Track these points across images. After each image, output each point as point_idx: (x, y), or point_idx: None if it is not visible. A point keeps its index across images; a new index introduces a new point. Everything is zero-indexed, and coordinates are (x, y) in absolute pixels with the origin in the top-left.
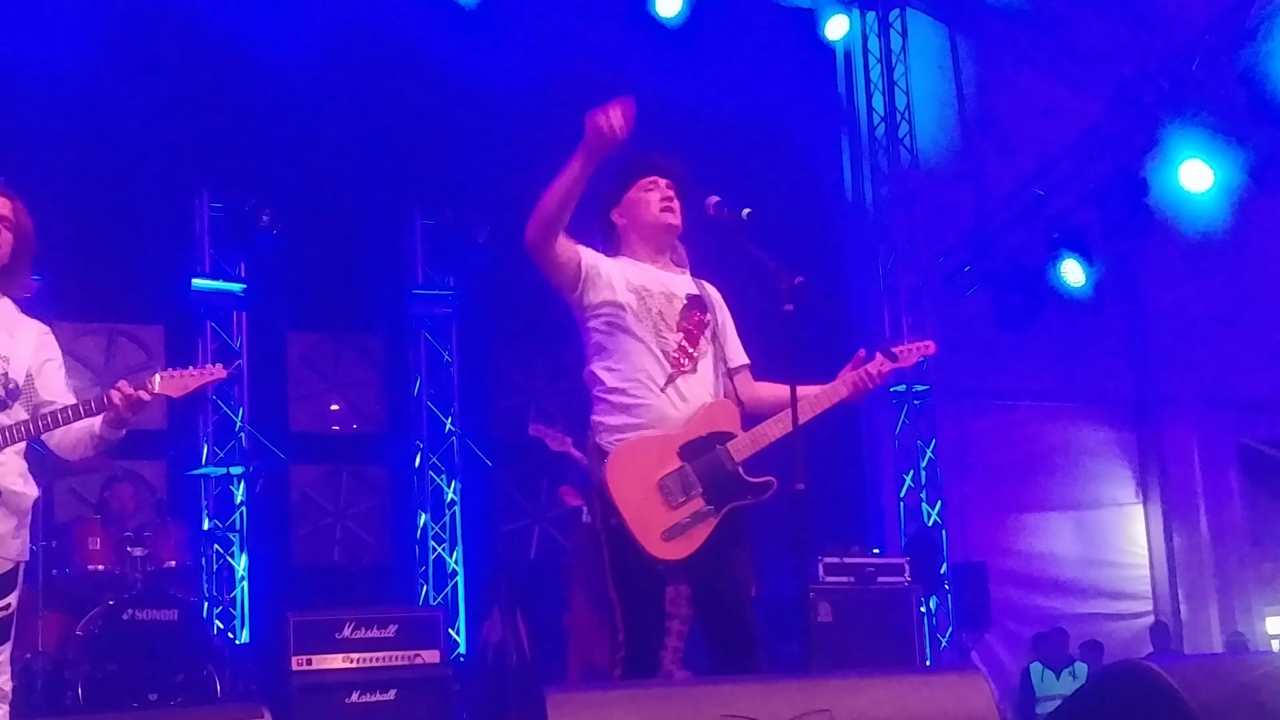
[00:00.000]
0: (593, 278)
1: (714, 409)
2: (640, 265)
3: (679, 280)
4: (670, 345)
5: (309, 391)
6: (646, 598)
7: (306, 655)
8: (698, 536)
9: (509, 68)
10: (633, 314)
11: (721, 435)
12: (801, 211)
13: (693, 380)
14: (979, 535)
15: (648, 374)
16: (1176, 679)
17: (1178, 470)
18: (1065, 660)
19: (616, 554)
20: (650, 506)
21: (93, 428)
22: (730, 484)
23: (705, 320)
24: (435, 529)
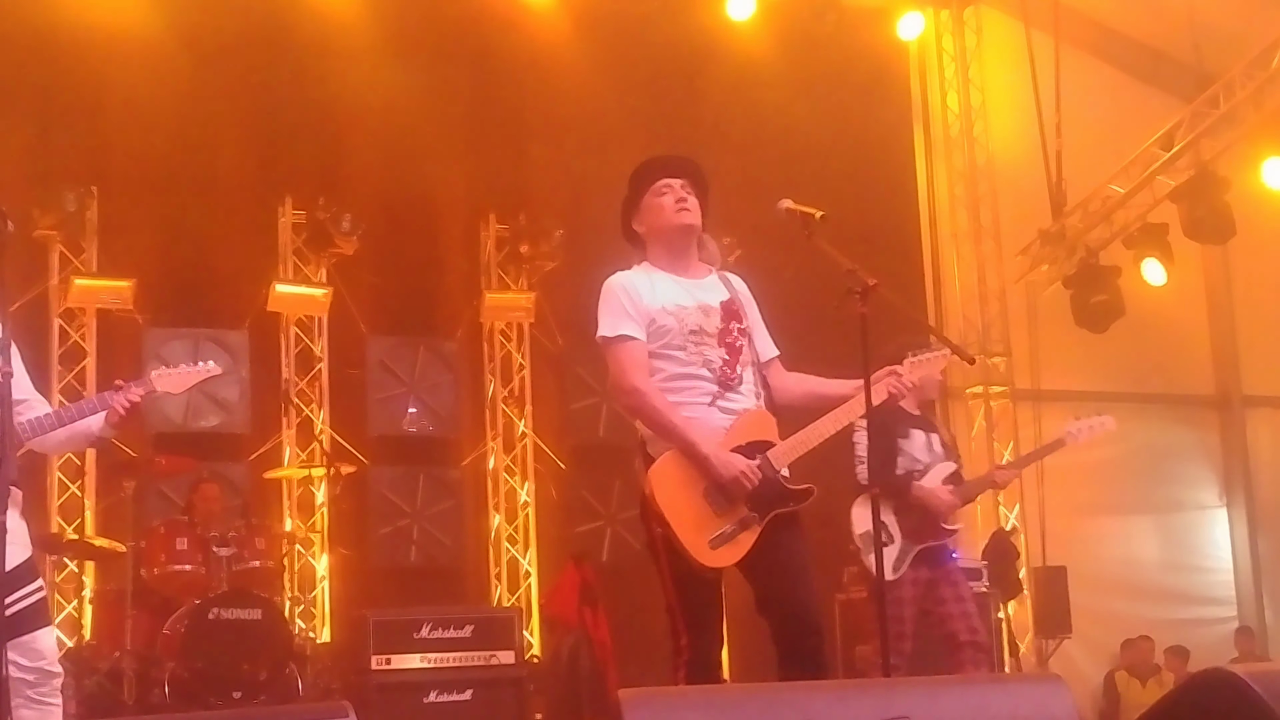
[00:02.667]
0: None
1: (753, 418)
2: (670, 278)
3: (709, 286)
4: (714, 361)
5: (387, 394)
6: (705, 603)
7: (385, 655)
8: (744, 544)
9: (581, 68)
10: (673, 333)
11: (761, 444)
12: (877, 211)
13: (738, 393)
14: (1058, 539)
15: (694, 390)
16: (1263, 687)
17: (1262, 472)
18: (1152, 669)
19: (670, 564)
20: (696, 514)
21: (90, 428)
22: (772, 491)
23: (743, 330)
24: (509, 530)
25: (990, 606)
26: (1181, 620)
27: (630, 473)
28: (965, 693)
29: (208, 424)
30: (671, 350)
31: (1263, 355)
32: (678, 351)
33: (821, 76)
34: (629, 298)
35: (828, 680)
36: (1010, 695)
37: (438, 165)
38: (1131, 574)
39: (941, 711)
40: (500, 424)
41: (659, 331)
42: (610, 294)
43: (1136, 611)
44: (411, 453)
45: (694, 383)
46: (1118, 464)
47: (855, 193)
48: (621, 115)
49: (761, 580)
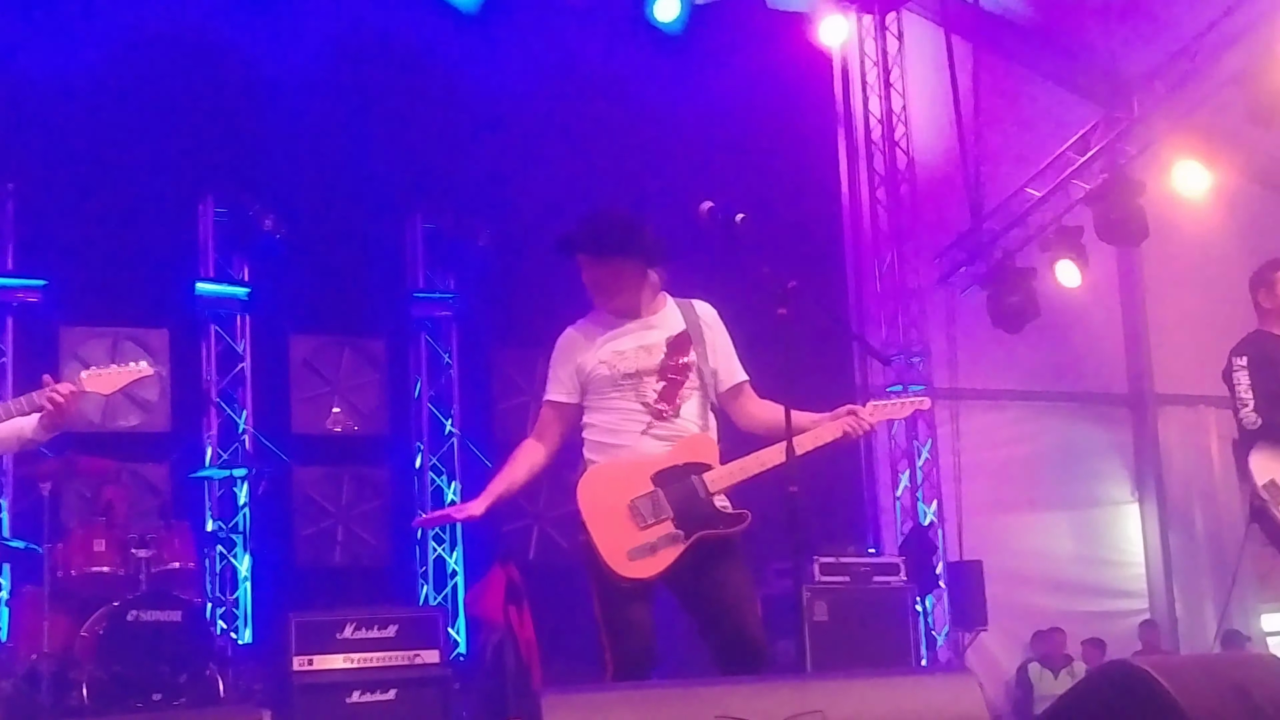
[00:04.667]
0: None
1: (691, 442)
2: (615, 321)
3: (657, 324)
4: (649, 395)
5: (311, 394)
6: (629, 619)
7: (308, 655)
8: (664, 559)
9: (509, 72)
10: (606, 380)
11: (697, 466)
12: (798, 214)
13: (674, 423)
14: (975, 534)
15: (627, 422)
16: (1170, 680)
17: (1172, 468)
18: (1064, 659)
19: (593, 572)
20: (619, 525)
21: (23, 430)
22: (701, 513)
23: (689, 362)
24: (436, 529)
25: (908, 601)
26: (1095, 613)
27: (559, 472)
28: (878, 688)
29: (127, 424)
30: (607, 395)
31: (1174, 355)
32: (613, 395)
33: (745, 80)
34: (565, 357)
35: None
36: (922, 690)
37: (364, 164)
38: (1046, 568)
39: (856, 707)
40: (427, 423)
41: (592, 381)
42: (554, 355)
43: (1051, 604)
44: (336, 452)
45: (629, 417)
46: (1033, 461)
47: (778, 195)
48: (549, 117)
49: (699, 609)
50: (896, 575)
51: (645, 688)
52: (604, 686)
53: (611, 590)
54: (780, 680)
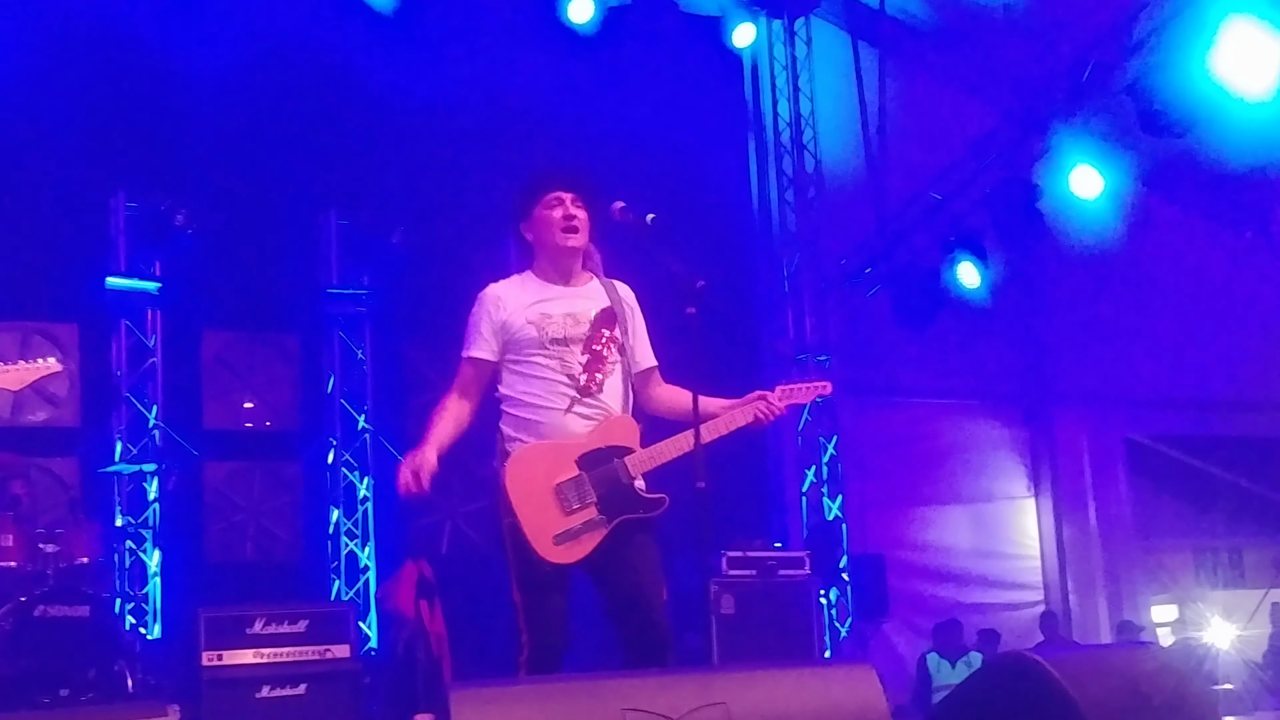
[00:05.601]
0: (500, 336)
1: (615, 423)
2: (545, 286)
3: (586, 295)
4: (575, 368)
5: (223, 389)
6: (548, 601)
7: (217, 651)
8: (587, 544)
9: (424, 71)
10: (533, 342)
11: (620, 450)
12: (708, 215)
13: (598, 400)
14: (878, 528)
15: (552, 397)
16: (1061, 672)
17: (1068, 465)
18: (960, 650)
19: (515, 555)
20: (545, 510)
21: None
22: (623, 497)
23: (613, 337)
24: (348, 525)
25: (812, 593)
26: (992, 604)
27: (472, 467)
28: (780, 680)
29: (36, 419)
30: (531, 360)
31: (1069, 354)
32: (538, 357)
33: (658, 82)
34: (488, 314)
35: (650, 669)
36: (822, 681)
37: (278, 160)
38: (946, 560)
39: (758, 699)
40: (340, 419)
41: (517, 340)
42: (474, 311)
43: (951, 596)
44: (248, 448)
45: (553, 389)
46: (934, 457)
47: (689, 197)
48: (462, 116)
49: (610, 589)
50: (801, 569)
51: (552, 681)
52: (512, 681)
53: (532, 574)
54: (685, 673)
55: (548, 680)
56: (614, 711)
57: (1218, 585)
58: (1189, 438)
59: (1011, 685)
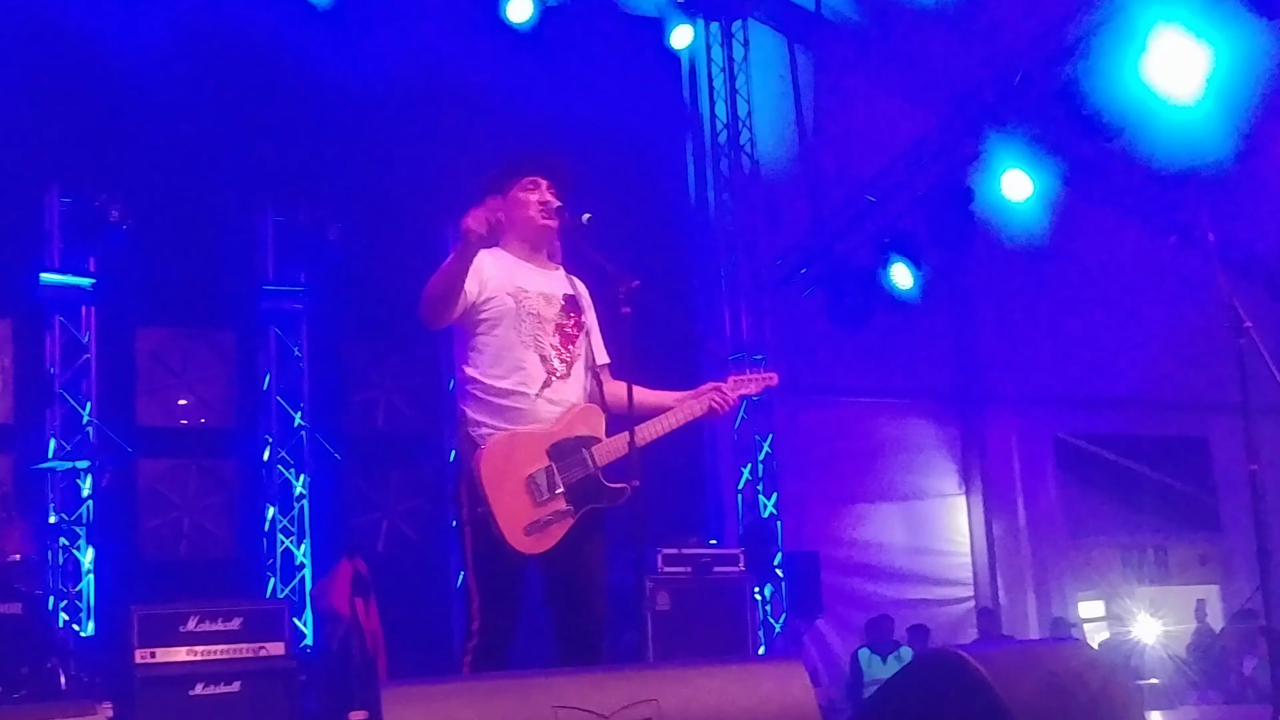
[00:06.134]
0: (478, 287)
1: (583, 412)
2: (518, 262)
3: (554, 279)
4: (546, 349)
5: (158, 386)
6: (505, 590)
7: (150, 648)
8: (555, 534)
9: (362, 66)
10: (511, 315)
11: (587, 439)
12: (647, 215)
13: (566, 384)
14: (812, 525)
15: (523, 378)
16: (987, 667)
17: (998, 463)
18: (891, 645)
19: (479, 544)
20: (517, 500)
21: None
22: (590, 487)
23: (581, 322)
24: (284, 522)
25: (747, 590)
26: (924, 600)
27: (409, 464)
28: (711, 677)
29: None
30: (504, 334)
31: (1001, 355)
32: (511, 333)
33: (597, 81)
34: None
35: (581, 667)
36: (753, 678)
37: (214, 156)
38: (879, 557)
39: (689, 695)
40: (276, 416)
41: (494, 309)
42: None
43: (883, 592)
44: (183, 445)
45: (525, 368)
46: (868, 455)
47: (626, 196)
48: (401, 112)
49: (559, 573)
50: (736, 566)
51: (484, 679)
52: (444, 678)
53: (494, 565)
54: (616, 671)
55: (480, 678)
56: (546, 709)
57: (1144, 581)
58: (1117, 437)
59: (938, 681)
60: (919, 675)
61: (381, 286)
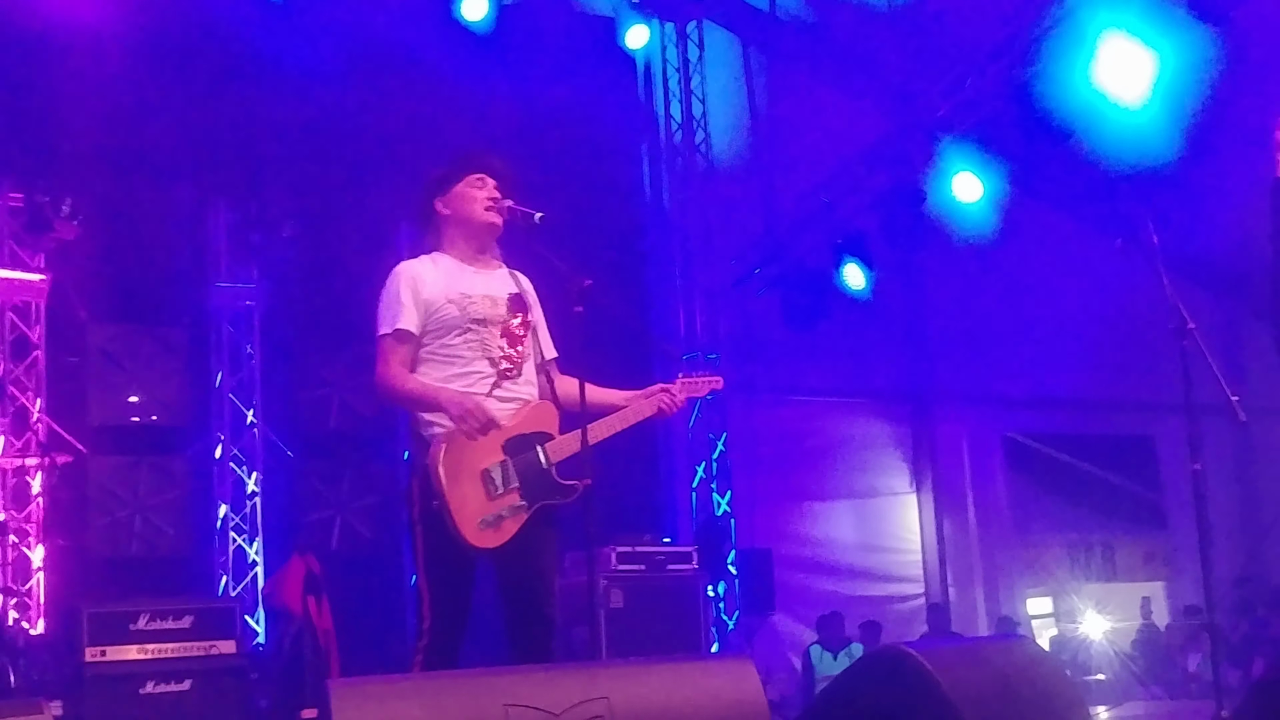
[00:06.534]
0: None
1: (537, 409)
2: (460, 266)
3: (498, 279)
4: (494, 350)
5: (109, 383)
6: (456, 587)
7: (101, 646)
8: (508, 529)
9: (316, 63)
10: (456, 323)
11: (542, 436)
12: (601, 214)
13: (517, 383)
14: (766, 523)
15: (473, 381)
16: (934, 664)
17: (948, 462)
18: (842, 642)
19: (431, 542)
20: (472, 494)
21: None
22: (544, 483)
23: (527, 321)
24: (236, 520)
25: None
26: (875, 597)
27: (363, 462)
28: (662, 674)
29: None
30: (452, 339)
31: (951, 355)
32: (458, 339)
33: (552, 80)
34: (409, 288)
35: (531, 665)
36: (703, 675)
37: (167, 152)
38: (832, 555)
39: (639, 693)
40: (228, 414)
41: (439, 320)
42: (391, 286)
43: (836, 589)
44: (134, 442)
45: (474, 370)
46: (821, 454)
47: (582, 195)
48: (355, 110)
49: (511, 569)
50: (689, 563)
51: (433, 678)
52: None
53: (446, 560)
54: (567, 668)
55: (430, 676)
56: (496, 707)
57: (1091, 579)
58: (1065, 436)
59: (886, 677)
60: (868, 672)
61: (335, 284)
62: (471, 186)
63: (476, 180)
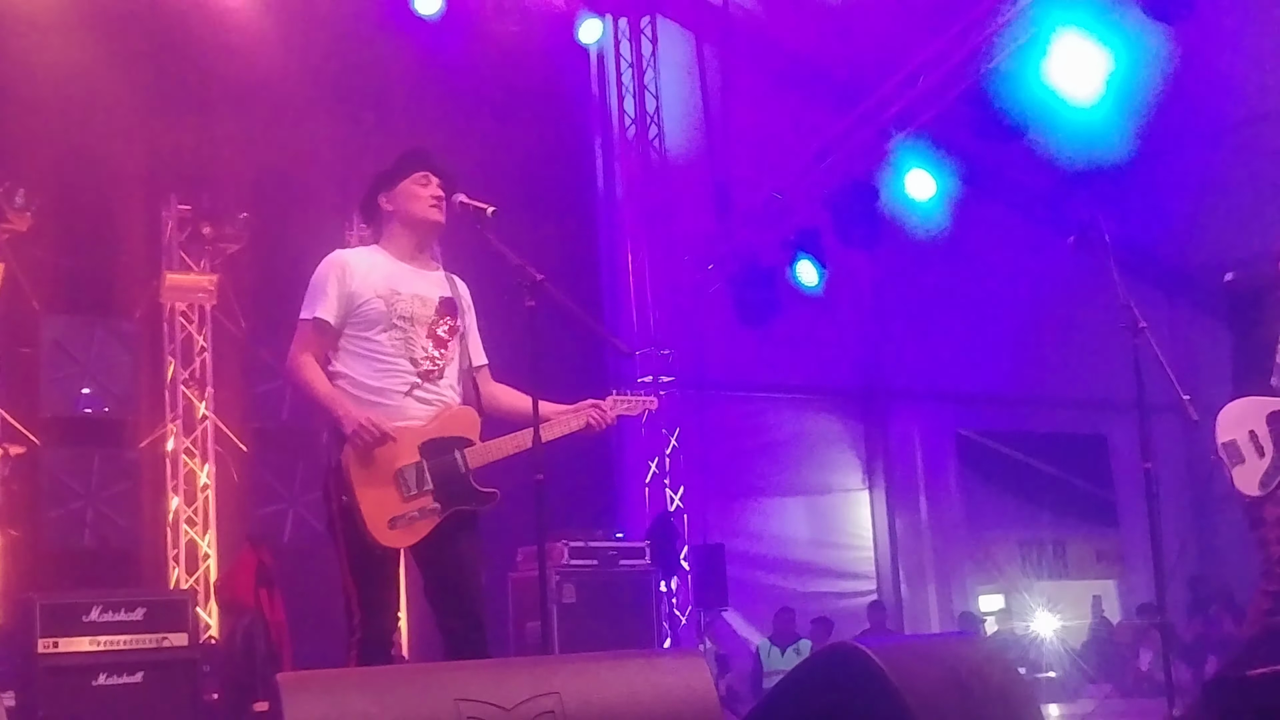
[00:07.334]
0: (345, 304)
1: (458, 414)
2: (395, 263)
3: (432, 280)
4: (418, 351)
5: (61, 374)
6: (381, 582)
7: (53, 638)
8: (420, 530)
9: (269, 53)
10: (382, 319)
11: (461, 440)
12: (553, 208)
13: (437, 386)
14: (718, 519)
15: (392, 378)
16: (886, 661)
17: (901, 459)
18: (791, 637)
19: (351, 536)
20: (384, 492)
21: None
22: (459, 488)
23: (455, 325)
24: (188, 513)
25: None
26: (827, 593)
27: (315, 455)
28: (613, 669)
29: None
30: (377, 334)
31: (903, 352)
32: (382, 335)
33: (505, 74)
34: (336, 278)
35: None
36: (654, 671)
37: (118, 142)
38: (784, 550)
39: (591, 687)
40: (181, 406)
41: (364, 314)
42: (320, 272)
43: (788, 585)
44: (86, 434)
45: (395, 369)
46: (773, 450)
47: (534, 189)
48: (307, 103)
49: (433, 571)
50: (642, 559)
51: (385, 671)
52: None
53: (365, 555)
54: (518, 663)
55: (382, 669)
56: (447, 701)
57: (1043, 576)
58: (1017, 434)
59: (837, 674)
60: (819, 668)
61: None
62: (416, 184)
63: (421, 178)
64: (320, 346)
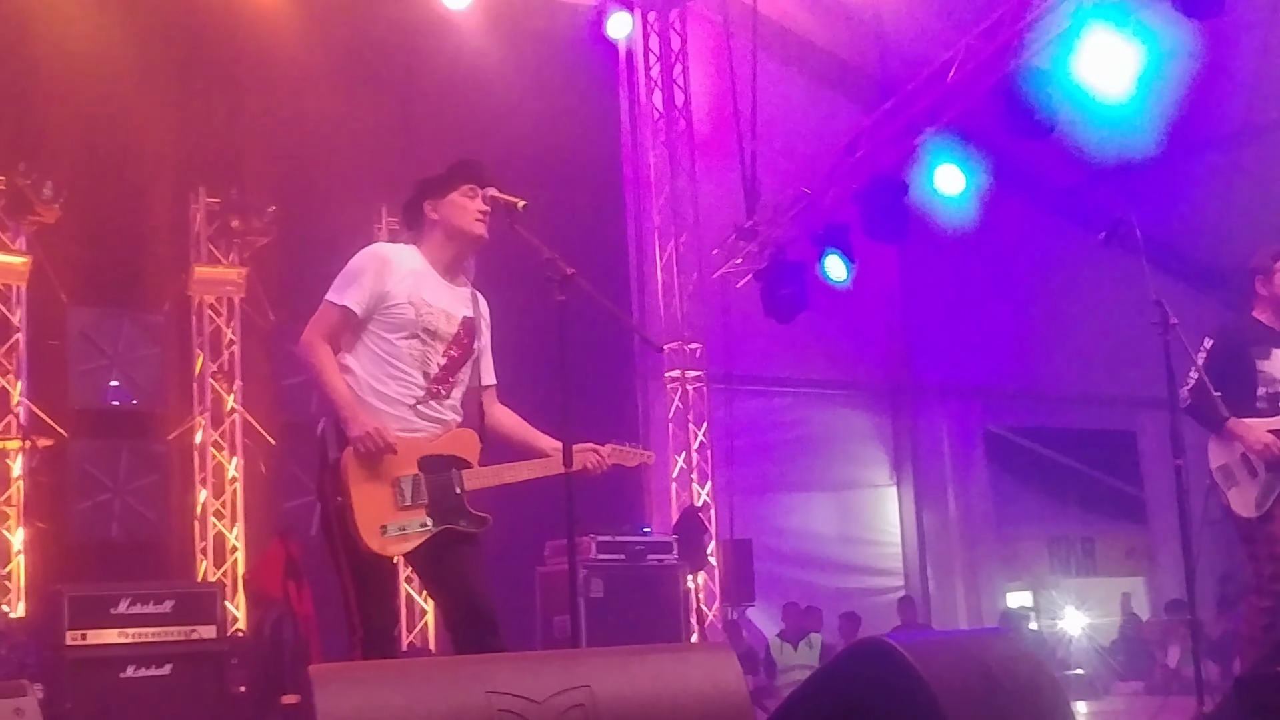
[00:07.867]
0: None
1: (460, 435)
2: (431, 272)
3: (460, 297)
4: (432, 366)
5: (90, 366)
6: (379, 582)
7: (81, 630)
8: (410, 541)
9: (298, 48)
10: (406, 324)
11: (460, 461)
12: (583, 203)
13: (443, 404)
14: (745, 514)
15: (401, 387)
16: (916, 657)
17: (929, 455)
18: (801, 632)
19: (346, 538)
20: (379, 497)
21: None
22: (454, 507)
23: (472, 347)
24: (216, 505)
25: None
26: (855, 589)
27: None
28: (643, 662)
29: None
30: (399, 339)
31: (931, 347)
32: (404, 342)
33: (534, 68)
34: (375, 272)
35: (512, 652)
36: (684, 664)
37: (146, 135)
38: (811, 546)
39: (621, 681)
40: (209, 399)
41: (393, 315)
42: (359, 262)
43: (815, 581)
44: (114, 426)
45: (407, 379)
46: (801, 445)
47: (564, 184)
48: (338, 98)
49: (435, 582)
50: (670, 553)
51: (415, 663)
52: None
53: (365, 559)
54: (548, 655)
55: (410, 662)
56: (478, 693)
57: (1070, 573)
58: (1045, 430)
59: (868, 670)
60: (849, 664)
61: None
62: (465, 196)
63: (470, 190)
64: (338, 334)
